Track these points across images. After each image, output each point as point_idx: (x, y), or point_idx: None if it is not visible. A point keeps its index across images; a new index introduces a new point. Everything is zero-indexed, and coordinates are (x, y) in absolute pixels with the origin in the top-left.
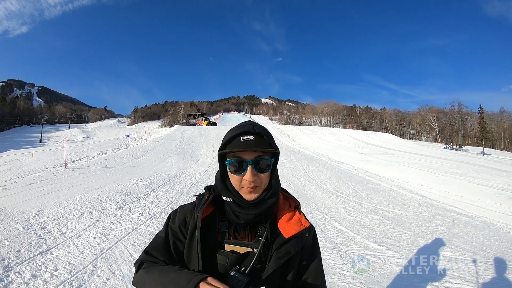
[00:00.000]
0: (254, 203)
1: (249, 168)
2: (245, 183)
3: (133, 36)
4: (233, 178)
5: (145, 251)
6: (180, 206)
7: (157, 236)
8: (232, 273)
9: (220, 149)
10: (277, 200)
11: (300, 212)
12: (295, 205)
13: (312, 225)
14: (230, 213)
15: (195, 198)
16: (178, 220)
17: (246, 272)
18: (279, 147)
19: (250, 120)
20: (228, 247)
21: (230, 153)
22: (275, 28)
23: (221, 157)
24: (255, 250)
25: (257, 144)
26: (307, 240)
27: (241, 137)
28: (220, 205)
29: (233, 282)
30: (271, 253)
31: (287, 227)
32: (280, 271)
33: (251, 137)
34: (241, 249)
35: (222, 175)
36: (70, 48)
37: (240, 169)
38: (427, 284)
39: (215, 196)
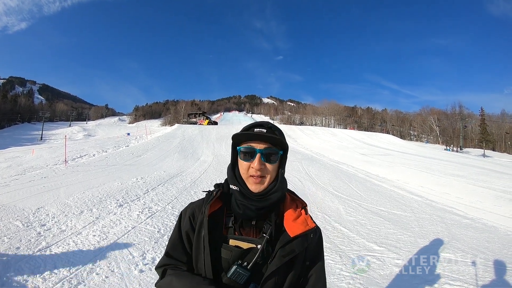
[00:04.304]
0: (259, 195)
1: (257, 156)
2: (252, 171)
3: (132, 32)
4: (242, 166)
5: (166, 253)
6: (190, 203)
7: (172, 235)
8: (234, 267)
9: (235, 135)
10: (283, 198)
11: (306, 212)
12: (302, 206)
13: (318, 226)
14: (235, 205)
15: (195, 197)
16: (188, 214)
17: (248, 267)
18: None
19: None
20: (232, 242)
21: (243, 141)
22: (276, 26)
23: (235, 145)
24: (258, 246)
25: (268, 137)
26: (312, 241)
27: (255, 129)
28: (228, 201)
29: (234, 276)
30: (276, 250)
31: (293, 226)
32: (284, 269)
33: (264, 130)
34: (245, 245)
35: (233, 164)
36: (70, 45)
37: (249, 156)
38: (426, 285)
39: (223, 192)
